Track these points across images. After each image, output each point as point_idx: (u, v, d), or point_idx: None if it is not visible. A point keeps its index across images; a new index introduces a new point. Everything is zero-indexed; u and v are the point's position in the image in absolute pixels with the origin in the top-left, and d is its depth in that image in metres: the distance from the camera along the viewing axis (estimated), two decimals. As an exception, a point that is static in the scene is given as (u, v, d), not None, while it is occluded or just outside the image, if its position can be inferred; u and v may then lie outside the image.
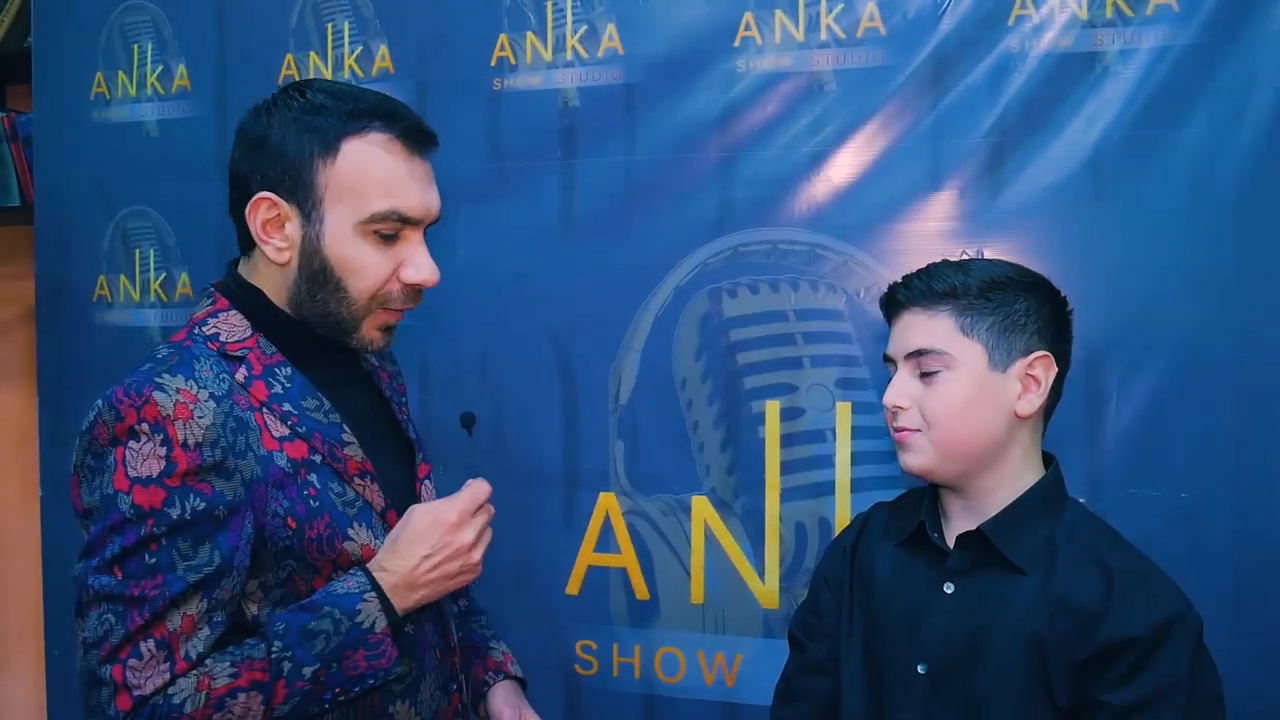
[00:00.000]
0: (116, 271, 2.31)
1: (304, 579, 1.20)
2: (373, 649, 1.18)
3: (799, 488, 1.86)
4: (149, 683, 1.08)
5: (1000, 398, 1.23)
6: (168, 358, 1.18)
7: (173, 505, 1.10)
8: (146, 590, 1.09)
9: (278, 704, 1.13)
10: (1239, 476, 1.68)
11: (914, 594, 1.28)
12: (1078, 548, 1.22)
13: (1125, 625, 1.14)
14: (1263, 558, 1.66)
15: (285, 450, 1.20)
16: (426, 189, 1.24)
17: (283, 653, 1.13)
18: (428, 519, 1.22)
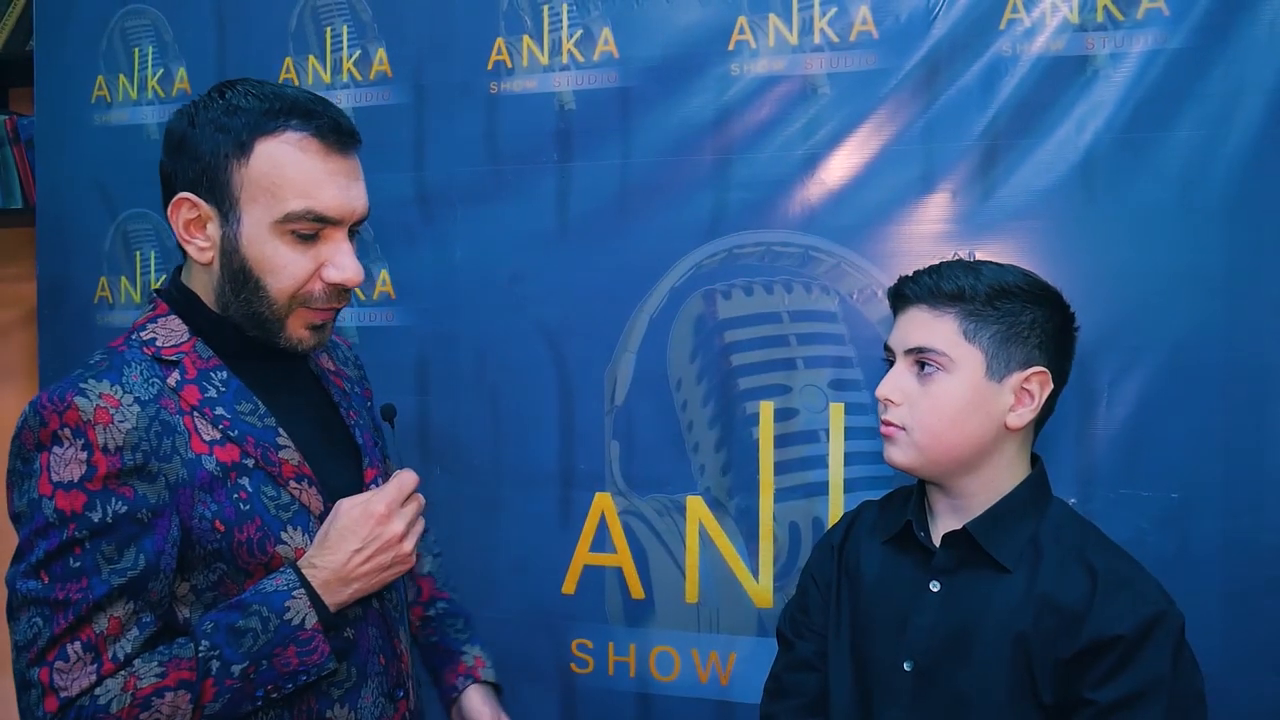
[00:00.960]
0: (118, 273, 2.32)
1: (235, 582, 1.20)
2: (304, 645, 1.17)
3: (793, 488, 1.87)
4: (75, 684, 1.08)
5: (992, 407, 1.24)
6: (98, 363, 1.18)
7: (94, 509, 1.10)
8: (71, 594, 1.09)
9: (206, 702, 1.13)
10: (1228, 478, 1.69)
11: (900, 592, 1.29)
12: (1062, 547, 1.23)
13: (1110, 624, 1.15)
14: (1251, 558, 1.67)
15: (215, 454, 1.19)
16: (347, 187, 1.21)
17: (210, 651, 1.13)
18: (356, 512, 1.21)
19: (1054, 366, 1.26)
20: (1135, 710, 1.13)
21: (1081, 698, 1.15)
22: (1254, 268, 1.68)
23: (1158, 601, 1.18)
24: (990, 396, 1.23)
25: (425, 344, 2.06)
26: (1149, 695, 1.14)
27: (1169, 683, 1.14)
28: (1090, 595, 1.18)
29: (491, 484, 2.02)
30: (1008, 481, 1.27)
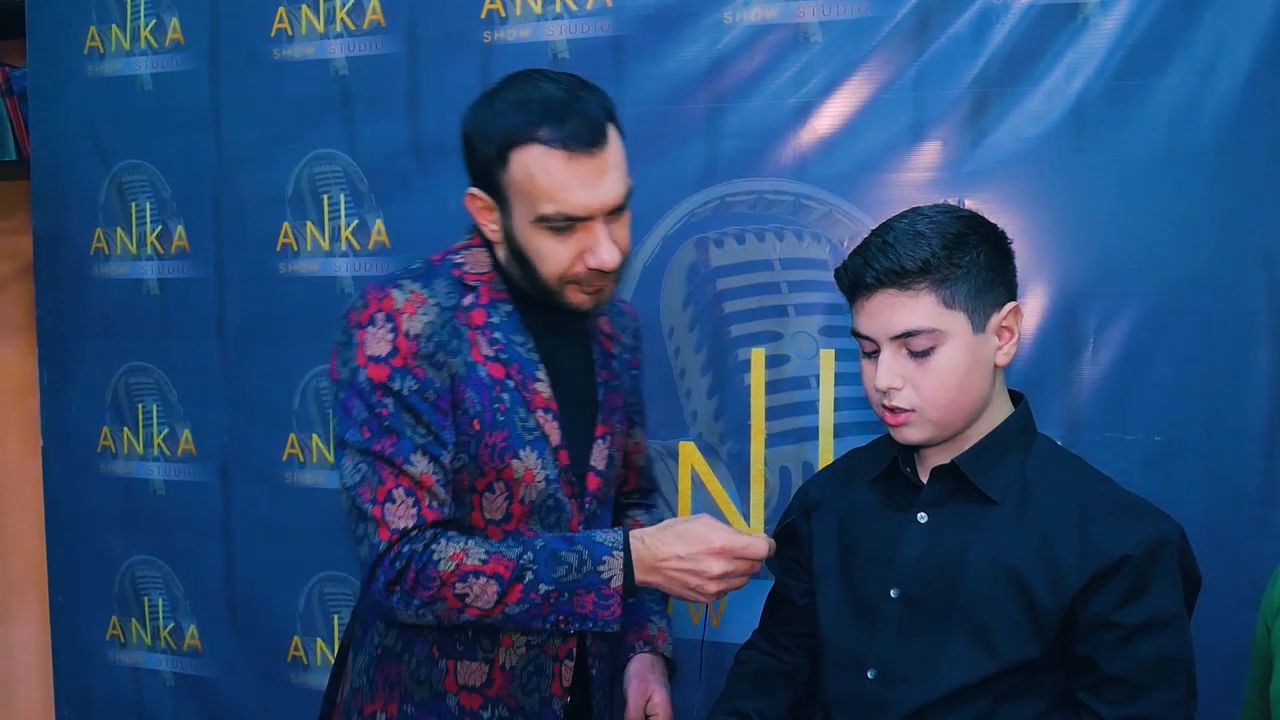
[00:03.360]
0: (113, 225, 2.33)
1: (470, 475, 1.37)
2: (602, 599, 1.31)
3: (783, 433, 1.90)
4: (400, 521, 1.30)
5: (985, 357, 1.25)
6: (417, 269, 1.41)
7: (394, 381, 1.32)
8: (385, 448, 1.31)
9: (509, 602, 1.30)
10: (1210, 421, 1.73)
11: (887, 526, 1.32)
12: (1050, 480, 1.26)
13: (1114, 546, 1.18)
14: (1231, 499, 1.71)
15: (488, 368, 1.38)
16: (594, 186, 1.32)
17: (530, 563, 1.31)
18: (702, 530, 1.32)
19: (1014, 293, 1.28)
20: (1161, 636, 1.17)
21: (1102, 621, 1.18)
22: (1240, 214, 1.70)
23: (1159, 522, 1.21)
24: (981, 348, 1.24)
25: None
26: (1170, 619, 1.18)
27: (1182, 612, 1.20)
28: (1086, 523, 1.20)
29: (487, 431, 2.04)
30: (994, 417, 1.29)
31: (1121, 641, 1.18)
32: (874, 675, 1.28)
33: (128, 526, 2.39)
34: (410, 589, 1.30)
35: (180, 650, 2.39)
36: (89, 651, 2.47)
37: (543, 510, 1.42)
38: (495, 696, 1.43)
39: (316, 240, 2.17)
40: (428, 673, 1.42)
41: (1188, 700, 1.20)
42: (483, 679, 1.42)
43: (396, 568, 1.30)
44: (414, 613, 1.32)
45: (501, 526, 1.40)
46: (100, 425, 2.40)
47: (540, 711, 1.45)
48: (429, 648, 1.42)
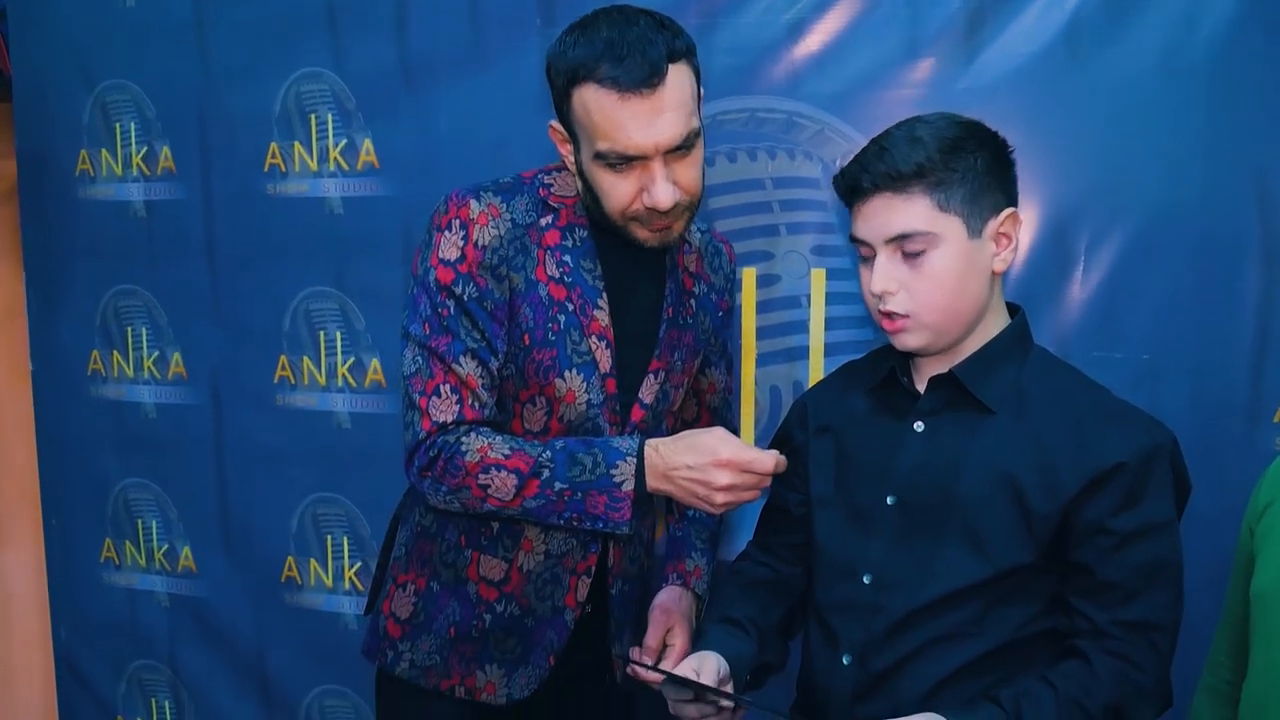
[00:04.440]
0: (98, 146, 2.31)
1: (515, 385, 1.45)
2: (613, 501, 1.36)
3: (774, 353, 1.91)
4: (442, 414, 1.40)
5: (981, 262, 1.25)
6: (503, 183, 1.46)
7: (457, 285, 1.39)
8: (440, 345, 1.40)
9: (526, 496, 1.38)
10: (1198, 339, 1.75)
11: (884, 435, 1.33)
12: (1047, 388, 1.27)
13: (1109, 453, 1.19)
14: (1217, 416, 1.73)
15: (550, 288, 1.43)
16: (649, 126, 1.32)
17: (548, 461, 1.38)
18: (711, 443, 1.35)
19: (1013, 200, 1.28)
20: (1152, 542, 1.19)
21: (1096, 527, 1.20)
22: (1234, 132, 1.70)
23: (1153, 430, 1.23)
24: (977, 254, 1.24)
25: (411, 215, 2.05)
26: (1162, 525, 1.20)
27: (1174, 519, 1.22)
28: (1081, 431, 1.22)
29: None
30: (992, 327, 1.30)
31: (1115, 547, 1.20)
32: (869, 580, 1.30)
33: (119, 449, 2.40)
34: (439, 476, 1.40)
35: (175, 572, 2.41)
36: (84, 574, 2.49)
37: (580, 431, 1.47)
38: (510, 594, 1.51)
39: (305, 161, 2.15)
40: (454, 558, 1.52)
41: (1176, 604, 1.23)
42: (501, 575, 1.51)
43: (430, 455, 1.39)
44: (443, 498, 1.42)
45: (540, 438, 1.45)
46: (90, 349, 2.39)
47: (551, 619, 1.52)
48: (458, 535, 1.51)
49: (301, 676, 2.33)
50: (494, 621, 1.52)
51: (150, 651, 2.47)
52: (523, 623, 1.52)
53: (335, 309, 2.17)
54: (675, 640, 1.53)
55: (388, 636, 1.57)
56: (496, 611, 1.51)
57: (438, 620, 1.53)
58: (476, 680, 1.53)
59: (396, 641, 1.56)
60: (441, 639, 1.53)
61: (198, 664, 2.42)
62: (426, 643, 1.54)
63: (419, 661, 1.55)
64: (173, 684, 2.46)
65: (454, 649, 1.53)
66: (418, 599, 1.55)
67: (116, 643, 2.49)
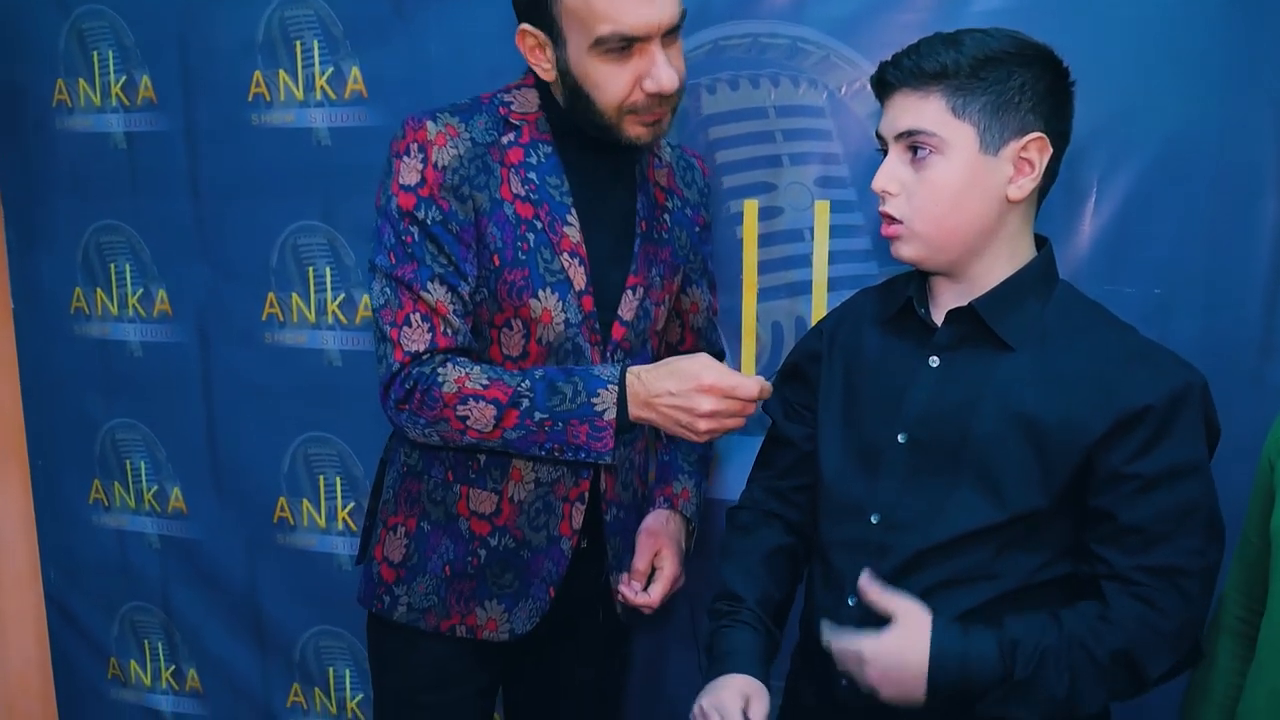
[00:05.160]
0: (75, 75, 2.22)
1: (489, 310, 1.43)
2: (595, 430, 1.34)
3: (776, 287, 1.86)
4: (414, 344, 1.37)
5: (991, 182, 1.20)
6: (460, 105, 1.44)
7: (420, 210, 1.37)
8: (407, 274, 1.37)
9: (506, 427, 1.36)
10: (1211, 274, 1.70)
11: (897, 370, 1.28)
12: (1070, 325, 1.22)
13: (1135, 396, 1.14)
14: (1230, 352, 1.69)
15: (516, 207, 1.41)
16: (649, 4, 1.30)
17: (527, 391, 1.35)
18: (693, 368, 1.33)
19: (1051, 129, 1.20)
20: (1184, 480, 1.15)
21: (1119, 473, 1.15)
22: (1251, 60, 1.64)
23: (1182, 371, 1.18)
24: (988, 172, 1.19)
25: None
26: (1195, 468, 1.15)
27: (1205, 461, 1.17)
28: (1105, 371, 1.17)
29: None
30: (1013, 260, 1.24)
31: (1139, 491, 1.16)
32: (877, 520, 1.27)
33: (106, 389, 2.35)
34: (417, 409, 1.37)
35: (165, 513, 2.38)
36: (72, 515, 2.46)
37: (561, 353, 1.45)
38: (503, 527, 1.49)
39: (290, 90, 2.07)
40: (443, 495, 1.50)
41: (1206, 548, 1.18)
42: (492, 508, 1.49)
43: (406, 388, 1.37)
44: (421, 431, 1.40)
45: (519, 364, 1.44)
46: (72, 286, 2.33)
47: (548, 549, 1.50)
48: (444, 471, 1.50)
49: (295, 618, 2.31)
50: (489, 556, 1.50)
51: (142, 593, 2.44)
52: (518, 555, 1.50)
53: (324, 244, 2.11)
54: (664, 564, 1.53)
55: (382, 582, 1.55)
56: (490, 546, 1.49)
57: (432, 560, 1.51)
58: (477, 618, 1.51)
59: (392, 586, 1.54)
60: (437, 579, 1.51)
61: (190, 606, 2.40)
62: (422, 584, 1.52)
63: (416, 604, 1.52)
64: (165, 626, 2.44)
65: (451, 588, 1.51)
66: (409, 541, 1.53)
67: (108, 585, 2.46)
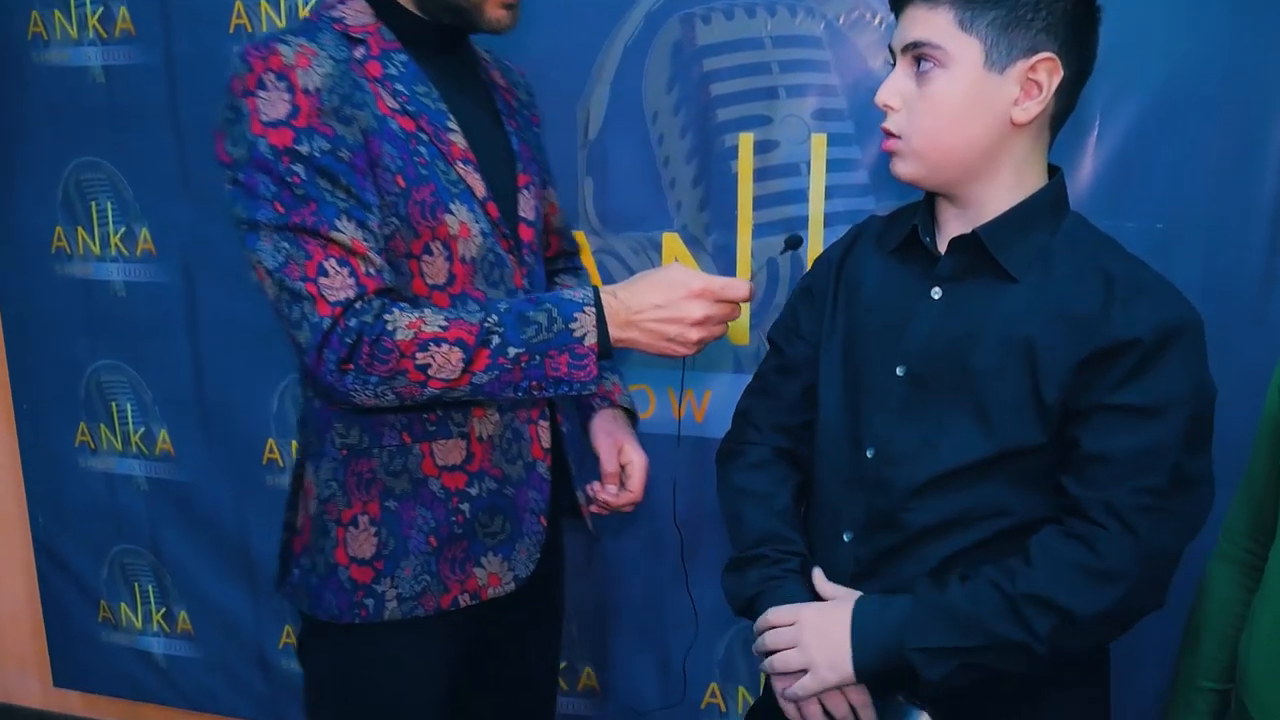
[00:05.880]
0: (50, 6, 2.16)
1: (405, 239, 1.27)
2: (576, 359, 1.24)
3: (772, 223, 1.82)
4: (339, 293, 1.20)
5: (995, 102, 1.15)
6: (294, 27, 1.28)
7: (301, 144, 1.19)
8: (305, 218, 1.19)
9: (476, 370, 1.23)
10: (1214, 210, 1.67)
11: (900, 301, 1.25)
12: (1078, 255, 1.17)
13: (1127, 326, 1.10)
14: (1232, 289, 1.67)
15: (399, 121, 1.27)
16: None
17: (496, 326, 1.23)
18: (677, 275, 1.27)
19: (1065, 52, 1.15)
20: (1158, 417, 1.10)
21: (1099, 404, 1.11)
22: (1260, -9, 1.60)
23: (1180, 308, 1.13)
24: (992, 90, 1.15)
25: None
26: (1173, 404, 1.10)
27: (1193, 390, 1.11)
28: (1106, 300, 1.13)
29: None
30: (1021, 187, 1.20)
31: (1109, 422, 1.11)
32: (873, 454, 1.24)
33: (89, 330, 2.31)
34: (366, 364, 1.21)
35: (153, 455, 2.35)
36: (59, 458, 2.43)
37: (485, 268, 1.34)
38: (479, 471, 1.38)
39: (273, 20, 2.02)
40: (403, 462, 1.35)
41: (1169, 494, 1.11)
42: (462, 455, 1.37)
43: (347, 343, 1.20)
44: (373, 392, 1.23)
45: (447, 291, 1.31)
46: (53, 225, 2.28)
47: (527, 477, 1.42)
48: (398, 435, 1.35)
49: (286, 559, 2.29)
50: (474, 508, 1.38)
51: (131, 536, 2.43)
52: (502, 495, 1.40)
53: (310, 181, 2.06)
54: (632, 457, 1.50)
55: (358, 586, 1.36)
56: (472, 497, 1.38)
57: (412, 537, 1.36)
58: (477, 579, 1.40)
59: (372, 585, 1.36)
60: (424, 555, 1.37)
61: (180, 548, 2.38)
62: (409, 567, 1.36)
63: (408, 592, 1.37)
64: (156, 568, 2.42)
65: (442, 559, 1.38)
66: (378, 527, 1.36)
67: (96, 528, 2.44)
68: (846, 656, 1.19)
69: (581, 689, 2.19)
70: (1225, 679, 1.21)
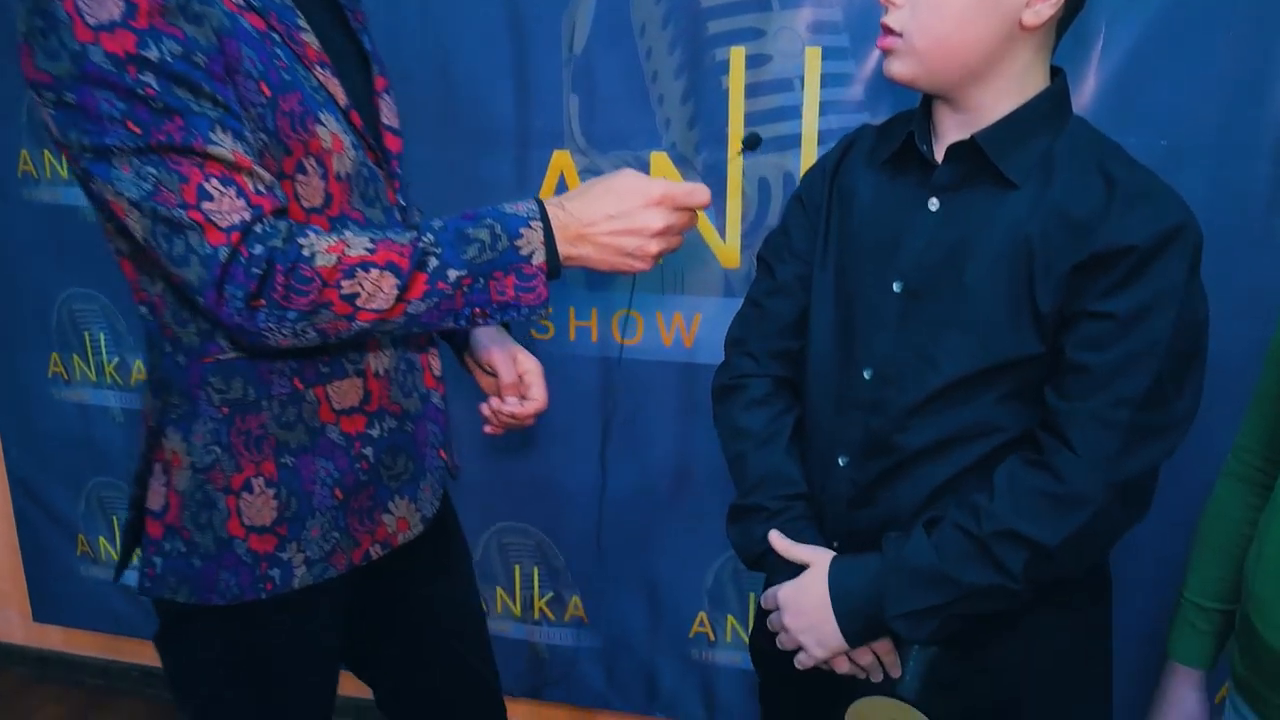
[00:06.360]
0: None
1: (275, 156, 1.10)
2: (524, 280, 1.13)
3: (764, 141, 1.75)
4: (231, 217, 1.03)
5: (1005, 4, 1.10)
6: None
7: (148, 48, 0.99)
8: (172, 135, 1.01)
9: (412, 298, 1.10)
10: (1220, 123, 1.61)
11: (896, 214, 1.20)
12: (1079, 160, 1.13)
13: (1125, 232, 1.06)
14: (1238, 207, 1.62)
15: (249, 19, 1.08)
16: None
17: (432, 246, 1.10)
18: (632, 182, 1.17)
19: None
20: (1141, 323, 1.06)
21: (1088, 310, 1.07)
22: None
23: (1179, 213, 1.08)
24: None
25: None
26: (1157, 308, 1.06)
27: (1181, 295, 1.06)
28: (1106, 204, 1.08)
29: (441, 145, 1.88)
30: (1023, 92, 1.14)
31: (1095, 329, 1.07)
32: (870, 375, 1.20)
33: (60, 258, 2.24)
34: (282, 298, 1.05)
35: (128, 386, 2.30)
36: (31, 390, 2.37)
37: (360, 184, 1.20)
38: (378, 410, 1.26)
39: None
40: (297, 411, 1.20)
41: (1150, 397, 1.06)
42: (360, 395, 1.24)
43: (255, 275, 1.04)
44: (291, 330, 1.08)
45: (325, 214, 1.16)
46: (17, 149, 2.20)
47: (423, 410, 1.33)
48: (289, 382, 1.19)
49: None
50: (377, 451, 1.26)
51: (108, 469, 2.38)
52: (403, 432, 1.29)
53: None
54: (527, 365, 1.43)
55: (260, 558, 1.21)
56: (374, 439, 1.26)
57: (316, 493, 1.22)
58: (387, 526, 1.30)
59: (276, 554, 1.22)
60: (331, 510, 1.24)
61: (159, 481, 2.34)
62: (316, 526, 1.23)
63: (316, 554, 1.24)
64: (134, 501, 2.38)
65: (349, 511, 1.25)
66: (276, 489, 1.20)
67: (72, 461, 2.39)
68: (834, 632, 1.18)
69: (569, 619, 2.17)
70: (1231, 599, 1.18)
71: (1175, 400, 1.08)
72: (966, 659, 1.19)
